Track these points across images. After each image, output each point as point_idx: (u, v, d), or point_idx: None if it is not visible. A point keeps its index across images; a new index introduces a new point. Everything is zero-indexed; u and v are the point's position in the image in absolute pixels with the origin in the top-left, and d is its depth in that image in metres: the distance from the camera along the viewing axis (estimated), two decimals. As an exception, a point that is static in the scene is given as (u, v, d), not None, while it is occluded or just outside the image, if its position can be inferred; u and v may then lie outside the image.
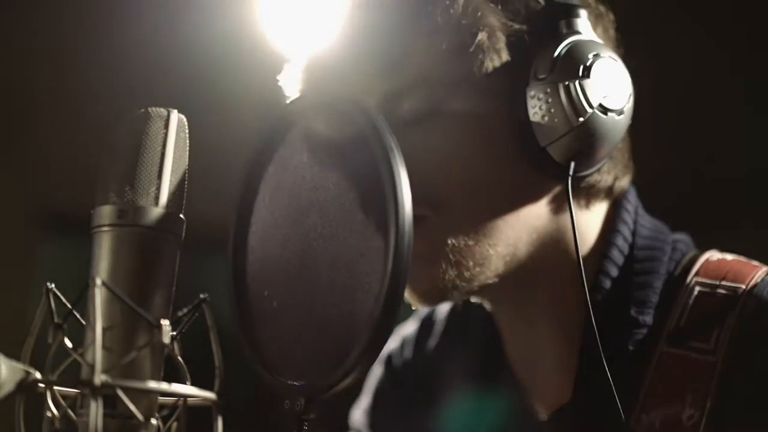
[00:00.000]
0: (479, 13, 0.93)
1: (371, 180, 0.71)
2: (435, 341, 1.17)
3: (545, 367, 1.03)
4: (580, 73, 0.91)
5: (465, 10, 0.93)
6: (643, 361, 0.96)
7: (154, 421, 0.65)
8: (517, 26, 0.94)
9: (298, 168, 0.77)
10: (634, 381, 0.95)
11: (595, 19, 0.98)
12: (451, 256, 0.95)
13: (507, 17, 0.94)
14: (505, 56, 0.94)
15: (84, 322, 0.67)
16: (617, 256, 1.00)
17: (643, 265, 0.99)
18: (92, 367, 0.61)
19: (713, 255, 1.01)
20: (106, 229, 0.68)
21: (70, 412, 0.67)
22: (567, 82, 0.91)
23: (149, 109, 0.70)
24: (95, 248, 0.68)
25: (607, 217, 1.03)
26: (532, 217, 0.98)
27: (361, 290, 0.70)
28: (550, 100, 0.91)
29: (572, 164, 0.92)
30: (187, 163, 0.71)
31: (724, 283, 0.97)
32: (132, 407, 0.64)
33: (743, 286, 0.95)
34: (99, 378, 0.61)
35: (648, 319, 0.97)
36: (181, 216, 0.70)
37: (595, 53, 0.92)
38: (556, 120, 0.91)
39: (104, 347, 0.64)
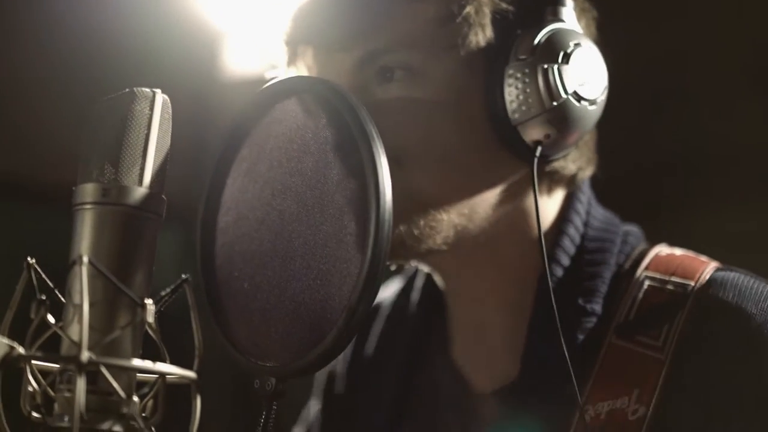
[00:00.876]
0: None
1: (351, 167, 0.72)
2: (379, 326, 1.19)
3: (491, 345, 1.06)
4: (560, 59, 0.94)
5: None
6: (591, 352, 0.98)
7: (135, 398, 0.66)
8: (504, 5, 0.97)
9: (273, 151, 0.78)
10: (582, 371, 0.97)
11: (580, 12, 1.01)
12: (402, 212, 0.95)
13: None
14: (489, 32, 0.96)
15: (64, 299, 0.68)
16: (569, 246, 1.03)
17: (593, 256, 1.02)
18: (78, 344, 0.62)
19: (663, 249, 1.05)
20: (88, 206, 0.68)
21: (48, 388, 0.67)
22: (546, 65, 0.93)
23: (135, 89, 0.70)
24: (77, 225, 0.68)
25: (562, 206, 1.06)
26: (493, 194, 1.00)
27: (337, 275, 0.72)
28: (527, 80, 0.94)
29: (539, 146, 0.95)
30: (169, 143, 0.71)
31: (673, 278, 1.00)
32: (115, 384, 0.65)
33: (692, 283, 0.99)
34: (85, 355, 0.62)
35: (597, 308, 1.00)
36: (163, 196, 0.71)
37: (576, 42, 0.95)
38: (530, 100, 0.94)
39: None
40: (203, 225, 0.81)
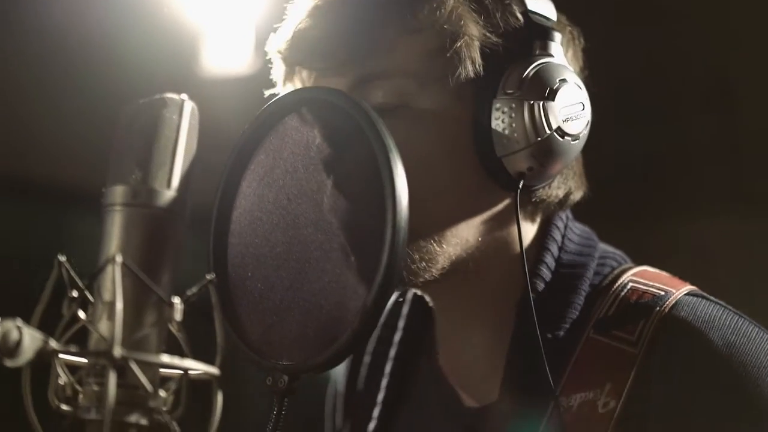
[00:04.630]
0: (462, 21, 0.99)
1: (367, 175, 0.76)
2: (375, 335, 1.22)
3: (474, 362, 1.10)
4: (546, 95, 0.97)
5: (450, 16, 0.99)
6: (568, 347, 1.02)
7: (163, 393, 0.69)
8: (494, 39, 1.00)
9: (290, 158, 0.81)
10: (559, 365, 1.01)
11: (567, 43, 1.05)
12: None
13: (486, 29, 1.00)
14: (478, 66, 1.00)
15: (91, 298, 0.71)
16: (545, 272, 1.06)
17: (566, 282, 1.06)
18: (111, 340, 0.65)
19: (650, 269, 1.09)
20: (119, 208, 0.71)
21: (74, 381, 0.70)
22: (532, 102, 0.97)
23: (165, 96, 0.73)
24: (107, 226, 0.71)
25: (541, 232, 1.09)
26: (480, 222, 1.04)
27: (352, 278, 0.75)
28: (513, 115, 0.97)
29: (522, 178, 0.99)
30: (195, 148, 0.74)
31: (656, 284, 1.04)
32: (143, 378, 0.67)
33: (674, 290, 1.03)
34: (118, 350, 0.65)
35: (561, 333, 1.03)
36: (187, 199, 0.73)
37: (562, 78, 0.99)
38: (515, 135, 0.98)
39: (114, 320, 0.68)
40: (216, 227, 0.84)
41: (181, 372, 0.70)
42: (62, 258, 0.71)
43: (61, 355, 0.69)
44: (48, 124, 2.36)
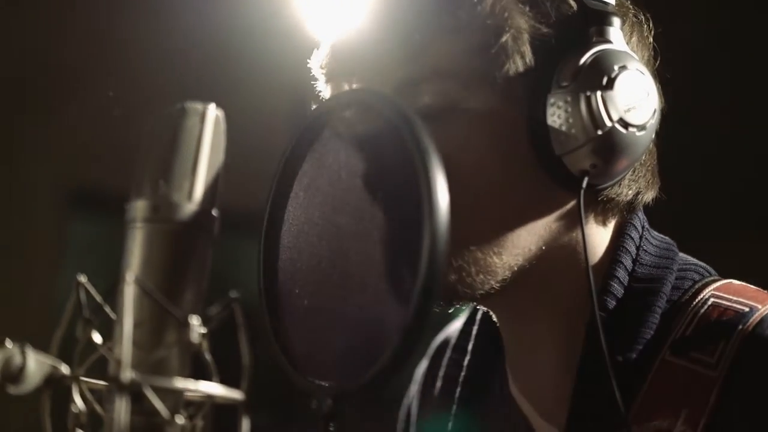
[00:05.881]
0: (506, 14, 0.92)
1: (407, 182, 0.70)
2: (447, 357, 1.16)
3: (543, 387, 1.02)
4: (604, 84, 0.89)
5: (492, 10, 0.92)
6: (642, 371, 0.93)
7: (181, 420, 0.65)
8: (545, 30, 0.92)
9: (332, 166, 0.76)
10: (631, 391, 0.92)
11: (631, 28, 0.96)
12: (453, 262, 0.92)
13: (536, 19, 0.92)
14: (528, 60, 0.92)
15: (113, 317, 0.67)
16: (617, 289, 0.97)
17: (640, 300, 0.96)
18: (120, 363, 0.61)
19: (735, 282, 0.98)
20: (139, 224, 0.67)
21: (97, 407, 0.67)
22: (588, 93, 0.89)
23: (185, 105, 0.69)
24: (129, 242, 0.68)
25: (614, 237, 0.99)
26: (542, 228, 0.96)
27: (393, 293, 0.70)
28: (569, 109, 0.89)
29: (586, 176, 0.91)
30: (222, 159, 0.70)
31: (741, 299, 0.94)
32: (159, 405, 0.63)
33: (760, 306, 0.92)
34: (127, 375, 0.61)
35: (633, 355, 0.94)
36: (214, 212, 0.69)
37: (621, 65, 0.90)
38: (573, 130, 0.89)
39: (133, 343, 0.64)
40: (266, 241, 0.80)
41: (207, 397, 0.66)
42: (83, 279, 0.67)
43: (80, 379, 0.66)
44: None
